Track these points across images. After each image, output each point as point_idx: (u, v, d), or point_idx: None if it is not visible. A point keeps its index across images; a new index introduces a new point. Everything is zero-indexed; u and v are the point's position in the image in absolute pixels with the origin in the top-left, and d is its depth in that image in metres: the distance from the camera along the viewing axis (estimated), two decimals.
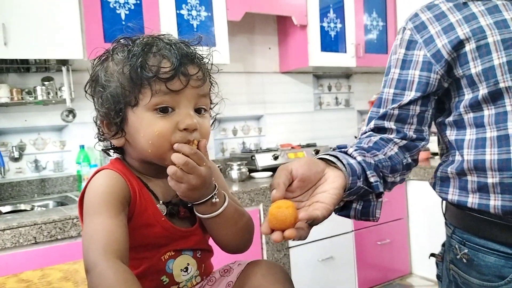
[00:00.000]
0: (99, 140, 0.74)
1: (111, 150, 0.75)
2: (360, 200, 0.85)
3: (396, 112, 0.94)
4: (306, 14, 2.99)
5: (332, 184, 0.71)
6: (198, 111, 0.70)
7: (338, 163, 0.77)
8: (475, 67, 0.87)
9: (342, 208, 0.86)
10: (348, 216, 0.87)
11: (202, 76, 0.70)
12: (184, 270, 0.72)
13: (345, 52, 3.20)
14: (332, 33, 3.15)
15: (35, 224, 1.78)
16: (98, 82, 0.69)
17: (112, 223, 0.62)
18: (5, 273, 1.18)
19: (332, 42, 3.15)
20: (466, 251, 0.94)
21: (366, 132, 0.97)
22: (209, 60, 0.72)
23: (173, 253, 0.71)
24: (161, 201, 0.71)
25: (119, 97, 0.66)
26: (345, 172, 0.75)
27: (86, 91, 0.72)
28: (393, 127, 0.93)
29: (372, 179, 0.80)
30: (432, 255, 1.15)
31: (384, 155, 0.87)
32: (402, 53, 0.99)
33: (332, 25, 3.14)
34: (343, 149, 0.85)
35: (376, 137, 0.92)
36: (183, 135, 0.66)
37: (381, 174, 0.85)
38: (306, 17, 3.00)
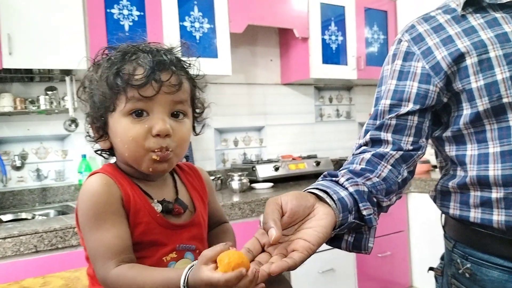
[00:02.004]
0: (88, 141, 0.77)
1: (105, 153, 0.77)
2: (352, 232, 0.81)
3: (393, 122, 0.91)
4: (307, 27, 3.03)
5: (320, 221, 0.69)
6: (176, 115, 0.72)
7: (328, 199, 0.73)
8: (476, 82, 0.86)
9: (333, 239, 0.80)
10: (339, 247, 0.82)
11: (177, 83, 0.71)
12: None
13: (346, 64, 3.23)
14: (334, 46, 3.18)
15: (36, 233, 1.79)
16: (84, 89, 0.74)
17: (107, 234, 0.66)
18: (6, 281, 1.18)
19: (333, 54, 3.17)
20: (468, 265, 0.93)
21: (360, 147, 0.93)
22: (192, 66, 0.74)
23: (175, 256, 0.72)
24: (155, 200, 0.72)
25: (100, 103, 0.70)
26: (335, 210, 0.72)
27: (79, 97, 0.76)
28: (390, 138, 0.90)
29: (365, 212, 0.76)
30: (431, 269, 1.14)
31: (378, 177, 0.83)
32: (399, 64, 0.96)
33: (333, 37, 3.17)
34: (334, 178, 0.80)
35: (368, 154, 0.87)
36: (156, 141, 0.68)
37: (375, 200, 0.81)
38: (308, 30, 3.03)
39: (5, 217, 2.20)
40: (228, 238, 0.83)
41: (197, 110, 0.78)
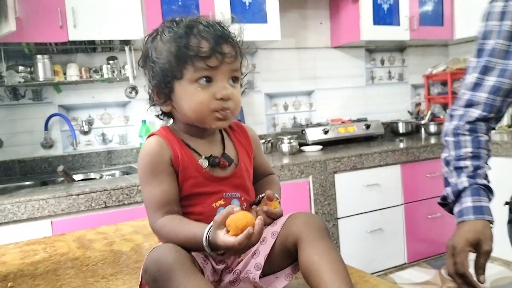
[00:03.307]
0: (151, 105, 0.88)
1: (163, 115, 0.88)
2: None
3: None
4: None
5: None
6: (232, 81, 0.83)
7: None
8: None
9: None
10: None
11: (235, 53, 0.81)
12: None
13: (399, 25, 3.16)
14: (385, 6, 3.11)
15: (105, 190, 1.98)
16: (149, 58, 0.82)
17: (156, 189, 0.79)
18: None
19: (385, 15, 3.11)
20: None
21: (470, 123, 1.10)
22: (241, 38, 0.83)
23: (223, 202, 0.83)
24: (203, 156, 0.83)
25: (167, 71, 0.79)
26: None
27: (139, 65, 0.87)
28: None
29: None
30: (507, 203, 1.21)
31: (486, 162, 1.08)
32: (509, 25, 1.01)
33: None
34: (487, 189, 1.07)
35: (483, 137, 1.08)
36: (219, 103, 0.80)
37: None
38: None
39: (77, 177, 2.43)
40: (273, 187, 0.92)
41: (241, 76, 0.87)
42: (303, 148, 2.85)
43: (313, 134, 2.91)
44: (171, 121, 0.89)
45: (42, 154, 2.54)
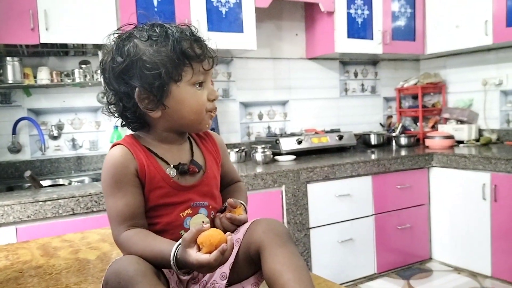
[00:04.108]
0: (110, 112, 0.84)
1: (135, 124, 0.85)
2: None
3: None
4: (333, 1, 3.03)
5: None
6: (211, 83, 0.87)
7: None
8: None
9: None
10: None
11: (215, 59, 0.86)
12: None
13: (372, 38, 3.23)
14: (359, 20, 3.17)
15: (73, 197, 1.94)
16: (137, 63, 0.78)
17: (120, 201, 0.78)
18: None
19: (359, 28, 3.18)
20: None
21: None
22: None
23: (190, 212, 0.82)
24: (171, 165, 0.82)
25: (163, 75, 0.78)
26: None
27: (106, 69, 0.81)
28: None
29: None
30: None
31: None
32: None
33: (359, 11, 3.16)
34: None
35: None
36: (212, 104, 0.84)
37: None
38: (333, 4, 3.04)
39: (44, 183, 2.36)
40: (239, 194, 0.93)
41: None
42: (276, 157, 2.86)
43: (287, 144, 2.93)
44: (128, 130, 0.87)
45: (9, 158, 2.47)
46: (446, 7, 3.27)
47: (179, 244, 0.70)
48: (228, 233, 0.70)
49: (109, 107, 0.84)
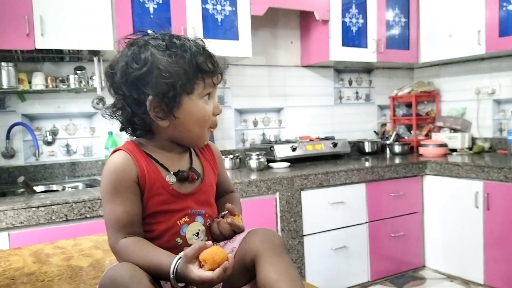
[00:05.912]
0: (112, 116, 0.84)
1: (140, 132, 0.85)
2: None
3: None
4: (328, 10, 3.06)
5: None
6: None
7: None
8: None
9: None
10: None
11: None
12: (196, 234, 0.84)
13: (366, 47, 3.25)
14: (354, 28, 3.20)
15: (66, 203, 1.93)
16: (153, 72, 0.78)
17: (119, 208, 0.78)
18: None
19: (353, 37, 3.20)
20: None
21: None
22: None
23: (187, 220, 0.83)
24: (171, 172, 0.83)
25: (177, 86, 0.79)
26: None
27: (129, 76, 0.79)
28: None
29: None
30: None
31: None
32: None
33: (354, 20, 3.19)
34: None
35: None
36: (215, 119, 0.85)
37: None
38: (328, 12, 3.06)
39: (38, 188, 2.35)
40: (234, 205, 0.93)
41: None
42: (271, 164, 2.86)
43: (281, 151, 2.94)
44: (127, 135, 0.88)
45: (2, 164, 2.46)
46: (440, 16, 3.31)
47: (179, 258, 0.71)
48: (229, 251, 0.72)
49: (113, 110, 0.83)
